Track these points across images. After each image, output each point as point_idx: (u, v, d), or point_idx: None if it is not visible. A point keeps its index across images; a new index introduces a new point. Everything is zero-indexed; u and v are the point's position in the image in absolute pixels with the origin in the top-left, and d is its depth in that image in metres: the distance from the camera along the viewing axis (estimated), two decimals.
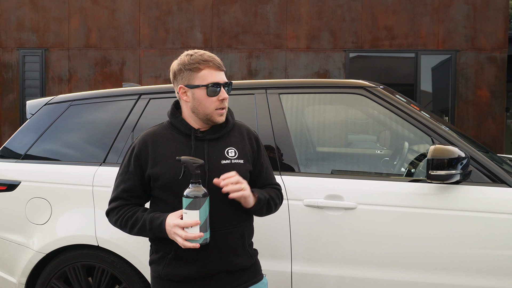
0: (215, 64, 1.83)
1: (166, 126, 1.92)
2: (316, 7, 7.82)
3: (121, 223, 1.86)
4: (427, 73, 7.81)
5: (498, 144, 7.63)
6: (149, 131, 1.91)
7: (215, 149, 1.86)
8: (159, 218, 1.76)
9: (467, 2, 7.69)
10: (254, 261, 1.94)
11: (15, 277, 2.83)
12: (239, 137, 1.93)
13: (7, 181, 2.87)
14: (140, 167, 1.86)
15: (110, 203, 1.91)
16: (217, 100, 1.83)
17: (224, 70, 1.88)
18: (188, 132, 1.87)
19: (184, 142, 1.86)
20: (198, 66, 1.82)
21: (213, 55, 1.86)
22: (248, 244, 1.93)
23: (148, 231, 1.78)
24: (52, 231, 2.73)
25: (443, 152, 2.25)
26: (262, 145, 2.02)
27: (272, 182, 2.01)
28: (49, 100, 3.07)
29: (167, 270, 1.83)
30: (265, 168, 1.99)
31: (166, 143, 1.86)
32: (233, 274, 1.86)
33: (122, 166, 1.91)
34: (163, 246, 1.84)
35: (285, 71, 7.85)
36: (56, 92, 7.94)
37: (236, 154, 1.88)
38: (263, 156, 2.00)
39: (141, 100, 2.85)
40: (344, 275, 2.44)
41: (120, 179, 1.89)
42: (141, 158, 1.85)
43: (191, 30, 7.94)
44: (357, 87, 2.68)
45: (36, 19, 8.03)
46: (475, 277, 2.31)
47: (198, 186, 1.70)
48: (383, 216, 2.40)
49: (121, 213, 1.85)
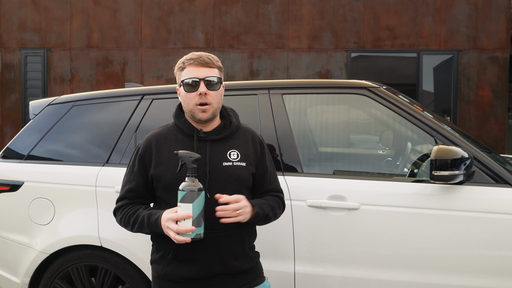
0: (197, 61, 1.83)
1: (171, 128, 1.93)
2: (317, 7, 7.82)
3: (124, 221, 1.88)
4: (429, 73, 7.80)
5: (500, 144, 7.62)
6: (154, 132, 1.93)
7: (217, 150, 1.86)
8: (156, 214, 1.78)
9: (469, 2, 7.68)
10: (255, 263, 1.93)
11: (18, 278, 2.83)
12: (243, 140, 1.92)
13: (11, 182, 2.88)
14: (144, 167, 1.87)
15: (117, 203, 1.93)
16: (196, 95, 1.82)
17: (213, 66, 1.85)
18: (191, 132, 1.87)
19: (187, 142, 1.86)
20: (183, 66, 1.86)
21: (203, 54, 1.87)
22: (249, 248, 1.92)
23: (146, 227, 1.80)
24: (55, 231, 2.73)
25: (447, 152, 2.24)
26: (266, 150, 2.01)
27: (275, 189, 1.99)
28: (52, 100, 3.07)
29: (166, 270, 1.84)
30: (269, 172, 1.97)
31: (169, 144, 1.87)
32: (233, 276, 1.85)
33: (128, 167, 1.94)
34: (163, 245, 1.85)
35: (287, 71, 7.84)
36: (58, 92, 7.95)
37: (238, 156, 1.87)
38: (267, 160, 1.98)
39: (144, 100, 2.85)
40: (347, 276, 2.43)
41: (126, 180, 1.92)
42: (145, 159, 1.87)
43: (193, 30, 7.94)
44: (360, 88, 2.68)
45: (38, 20, 8.04)
46: (479, 277, 2.31)
47: (193, 180, 1.70)
48: (386, 217, 2.40)
49: (125, 212, 1.88)
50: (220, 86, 1.88)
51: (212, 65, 1.85)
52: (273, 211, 1.91)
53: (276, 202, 1.95)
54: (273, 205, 1.92)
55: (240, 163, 1.86)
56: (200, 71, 1.83)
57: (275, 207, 1.93)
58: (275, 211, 1.93)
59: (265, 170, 1.96)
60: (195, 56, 1.85)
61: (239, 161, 1.87)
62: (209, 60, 1.85)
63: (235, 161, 1.86)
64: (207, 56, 1.86)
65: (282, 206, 2.00)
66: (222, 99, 1.91)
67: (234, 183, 1.84)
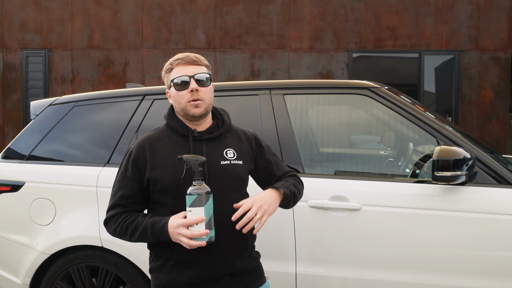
0: (184, 60, 1.83)
1: (163, 129, 1.91)
2: (319, 7, 7.81)
3: (120, 231, 1.80)
4: (431, 74, 7.79)
5: (502, 144, 7.60)
6: (146, 136, 1.90)
7: (213, 149, 1.85)
8: (161, 221, 1.73)
9: (470, 2, 7.67)
10: (257, 263, 1.93)
11: (19, 278, 2.83)
12: (236, 139, 1.92)
13: (12, 182, 2.87)
14: (139, 171, 1.83)
15: (108, 211, 1.86)
16: (187, 92, 1.82)
17: (201, 64, 1.85)
18: (186, 132, 1.85)
19: (182, 143, 1.84)
20: (171, 67, 1.86)
21: (189, 54, 1.87)
22: (251, 247, 1.92)
23: (150, 235, 1.75)
24: (56, 232, 2.73)
25: (449, 153, 2.24)
26: (262, 142, 2.00)
27: (286, 171, 2.00)
28: (53, 101, 3.07)
29: (169, 278, 1.80)
30: (274, 163, 1.98)
31: (164, 145, 1.84)
32: (237, 277, 1.84)
33: (119, 173, 1.88)
34: (163, 252, 1.81)
35: (288, 71, 7.84)
36: (59, 92, 7.95)
37: (235, 155, 1.87)
38: (267, 152, 1.98)
39: (145, 101, 2.85)
40: (349, 276, 2.43)
41: (118, 186, 1.85)
42: (139, 163, 1.83)
43: (194, 31, 7.94)
44: (362, 88, 2.67)
45: (39, 20, 8.04)
46: (480, 278, 2.30)
47: (201, 183, 1.69)
48: (388, 217, 2.40)
49: (120, 221, 1.80)
50: (210, 83, 1.88)
51: (200, 63, 1.86)
52: (296, 188, 1.92)
53: (294, 180, 1.96)
54: (294, 183, 1.93)
55: (237, 161, 1.86)
56: (189, 69, 1.83)
57: (296, 184, 1.94)
58: (298, 187, 1.95)
59: (268, 161, 1.96)
60: (182, 56, 1.86)
61: (236, 159, 1.86)
62: (197, 58, 1.86)
63: (232, 160, 1.85)
64: (193, 55, 1.87)
65: (301, 182, 2.01)
66: (213, 96, 1.90)
67: (234, 182, 1.83)
